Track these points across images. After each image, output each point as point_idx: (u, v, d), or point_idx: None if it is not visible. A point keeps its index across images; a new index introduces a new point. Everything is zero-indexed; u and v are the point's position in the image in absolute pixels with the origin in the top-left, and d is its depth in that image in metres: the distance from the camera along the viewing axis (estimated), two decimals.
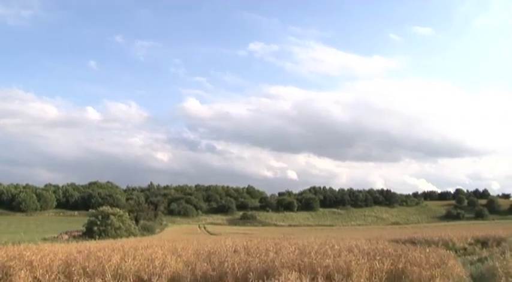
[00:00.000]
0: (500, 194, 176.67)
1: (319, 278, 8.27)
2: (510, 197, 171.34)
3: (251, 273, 9.70)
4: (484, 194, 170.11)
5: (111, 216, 57.98)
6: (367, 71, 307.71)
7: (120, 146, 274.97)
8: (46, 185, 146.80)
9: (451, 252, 15.55)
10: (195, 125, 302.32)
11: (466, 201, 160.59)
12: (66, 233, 57.64)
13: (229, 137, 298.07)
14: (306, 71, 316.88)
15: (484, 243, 27.20)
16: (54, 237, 51.97)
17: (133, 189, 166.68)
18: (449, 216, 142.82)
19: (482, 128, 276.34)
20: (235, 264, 11.36)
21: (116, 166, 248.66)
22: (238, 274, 10.89)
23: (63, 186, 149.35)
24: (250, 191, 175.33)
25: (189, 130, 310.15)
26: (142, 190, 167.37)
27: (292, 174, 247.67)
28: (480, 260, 17.90)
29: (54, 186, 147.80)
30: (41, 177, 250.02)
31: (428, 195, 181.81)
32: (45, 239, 44.50)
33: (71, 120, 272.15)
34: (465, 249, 25.39)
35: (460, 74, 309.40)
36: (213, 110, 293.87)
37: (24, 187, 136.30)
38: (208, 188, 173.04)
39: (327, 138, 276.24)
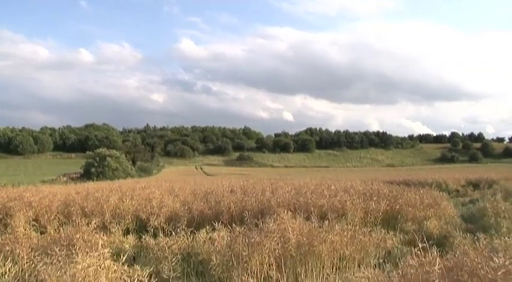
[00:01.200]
0: (495, 137, 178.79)
1: (312, 217, 8.39)
2: (504, 141, 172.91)
3: (247, 212, 9.84)
4: (479, 138, 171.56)
5: (108, 158, 58.57)
6: (365, 11, 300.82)
7: (115, 87, 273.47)
8: (42, 128, 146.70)
9: (444, 193, 15.80)
10: (190, 66, 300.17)
11: (460, 145, 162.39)
12: (64, 175, 58.39)
13: (225, 78, 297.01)
14: (303, 11, 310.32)
15: (476, 185, 27.80)
16: (52, 179, 52.64)
17: (129, 131, 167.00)
18: (443, 159, 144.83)
19: (481, 72, 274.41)
20: (231, 204, 11.55)
21: (112, 108, 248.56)
22: (234, 213, 11.10)
23: (59, 129, 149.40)
24: (246, 132, 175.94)
25: (184, 71, 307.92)
26: (138, 132, 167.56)
27: (288, 116, 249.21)
28: (471, 202, 18.32)
29: (51, 129, 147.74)
30: (36, 120, 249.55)
31: (424, 138, 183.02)
32: (44, 181, 45.10)
33: (64, 62, 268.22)
34: (458, 191, 25.95)
35: (460, 16, 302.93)
36: (209, 50, 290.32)
37: (20, 130, 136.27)
38: (204, 129, 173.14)
39: (323, 80, 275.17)
